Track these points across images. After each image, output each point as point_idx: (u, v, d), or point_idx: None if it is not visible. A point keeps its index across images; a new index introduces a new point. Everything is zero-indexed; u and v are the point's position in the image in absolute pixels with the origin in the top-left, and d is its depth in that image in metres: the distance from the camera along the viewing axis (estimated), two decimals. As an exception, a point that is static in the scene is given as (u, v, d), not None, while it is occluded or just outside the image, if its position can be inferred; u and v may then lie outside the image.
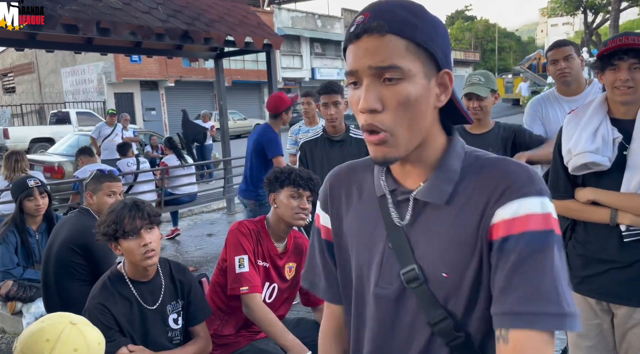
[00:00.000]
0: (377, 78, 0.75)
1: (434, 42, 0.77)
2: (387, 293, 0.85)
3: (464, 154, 0.85)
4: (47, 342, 1.22)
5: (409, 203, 0.84)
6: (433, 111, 0.80)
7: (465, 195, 0.80)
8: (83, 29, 4.80)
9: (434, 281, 0.80)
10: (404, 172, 0.85)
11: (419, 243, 0.82)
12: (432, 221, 0.82)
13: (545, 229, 0.74)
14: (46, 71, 24.24)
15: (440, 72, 0.79)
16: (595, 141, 1.64)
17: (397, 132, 0.76)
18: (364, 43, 0.75)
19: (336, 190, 0.97)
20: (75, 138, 9.65)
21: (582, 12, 25.45)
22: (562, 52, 2.48)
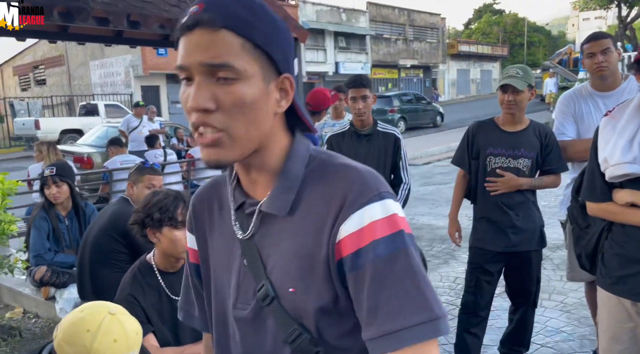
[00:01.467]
0: (210, 76, 0.69)
1: (273, 44, 0.71)
2: (245, 314, 0.80)
3: (308, 157, 0.79)
4: (88, 332, 1.23)
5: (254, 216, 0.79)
6: (273, 117, 0.75)
7: (307, 204, 0.75)
8: (114, 22, 4.88)
9: (283, 297, 0.75)
10: (250, 181, 0.80)
11: (270, 258, 0.77)
12: (278, 233, 0.77)
13: (392, 232, 0.70)
14: (75, 64, 24.76)
15: (281, 77, 0.74)
16: (632, 150, 1.59)
17: (233, 132, 0.70)
18: (196, 36, 0.69)
19: (199, 209, 0.90)
20: (104, 129, 9.85)
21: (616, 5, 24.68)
22: (600, 45, 2.40)
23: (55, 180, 3.32)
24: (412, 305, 0.67)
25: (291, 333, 0.76)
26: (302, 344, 0.75)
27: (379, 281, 0.68)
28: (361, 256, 0.69)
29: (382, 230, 0.70)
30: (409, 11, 34.96)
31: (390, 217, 0.71)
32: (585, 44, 2.48)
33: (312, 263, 0.74)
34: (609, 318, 1.79)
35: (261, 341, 0.79)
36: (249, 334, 0.81)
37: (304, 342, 0.75)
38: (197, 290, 0.95)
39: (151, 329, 1.84)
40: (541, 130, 2.56)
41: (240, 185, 0.82)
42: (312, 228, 0.74)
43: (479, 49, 41.86)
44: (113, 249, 2.54)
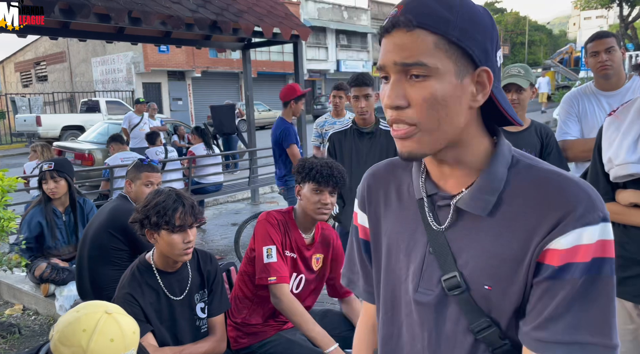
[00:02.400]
0: (404, 74, 0.73)
1: (470, 39, 0.72)
2: (428, 299, 0.84)
3: (511, 159, 0.80)
4: (84, 332, 1.22)
5: (449, 209, 0.81)
6: (468, 111, 0.76)
7: (512, 209, 0.76)
8: (115, 19, 4.87)
9: (476, 291, 0.79)
10: (442, 175, 0.83)
11: (462, 251, 0.80)
12: (474, 230, 0.79)
13: (603, 257, 0.71)
14: (77, 60, 24.73)
15: (477, 70, 0.74)
16: (637, 150, 1.58)
17: (424, 126, 0.74)
18: (393, 37, 0.73)
19: (374, 190, 0.95)
20: (105, 126, 9.84)
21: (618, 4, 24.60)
22: (604, 44, 2.38)
23: (53, 175, 3.31)
24: (595, 327, 0.71)
25: (480, 324, 0.79)
26: (489, 336, 0.79)
27: (575, 296, 0.71)
28: (568, 271, 0.71)
29: (594, 253, 0.71)
30: (410, 9, 34.87)
31: (606, 242, 0.72)
32: (589, 42, 2.46)
33: (515, 267, 0.75)
34: None
35: (440, 324, 0.84)
36: (429, 317, 0.84)
37: (492, 334, 0.79)
38: (364, 264, 1.01)
39: (150, 328, 1.83)
40: (542, 130, 2.54)
41: (429, 175, 0.85)
42: (518, 233, 0.75)
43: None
44: (112, 246, 2.53)
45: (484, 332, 0.79)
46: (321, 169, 2.04)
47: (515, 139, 2.54)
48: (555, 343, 0.71)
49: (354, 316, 2.23)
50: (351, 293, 2.32)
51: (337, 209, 2.97)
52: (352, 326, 2.19)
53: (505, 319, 0.78)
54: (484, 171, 0.79)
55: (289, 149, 4.08)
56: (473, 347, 0.81)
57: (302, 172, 2.08)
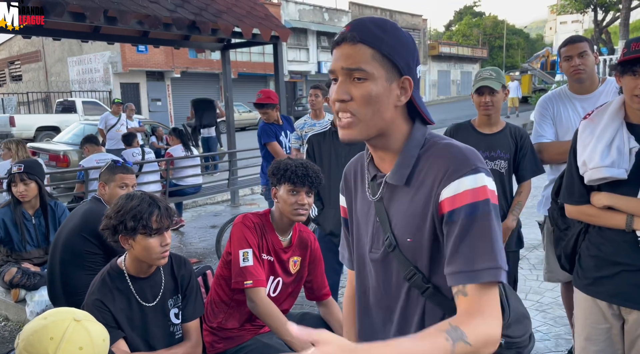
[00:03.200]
0: (349, 76, 0.96)
1: (397, 54, 0.96)
2: (377, 257, 1.08)
3: (424, 141, 1.03)
4: (52, 340, 1.18)
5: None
6: (393, 108, 0.98)
7: (420, 176, 1.00)
8: (90, 17, 4.77)
9: (402, 245, 1.02)
10: (379, 159, 1.07)
11: (393, 216, 1.04)
12: (398, 198, 1.03)
13: (479, 200, 0.92)
14: (53, 60, 24.24)
15: (402, 78, 0.98)
16: (610, 154, 1.60)
17: (361, 117, 0.96)
18: (341, 49, 0.96)
19: (348, 176, 1.20)
20: (81, 127, 9.64)
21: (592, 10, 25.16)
22: (577, 48, 2.42)
23: (22, 177, 3.21)
24: (483, 255, 0.91)
25: (409, 272, 1.02)
26: (417, 281, 1.02)
27: (463, 234, 0.92)
28: (454, 214, 0.93)
29: (471, 197, 0.93)
30: (391, 12, 35.16)
31: (480, 188, 0.93)
32: (563, 47, 2.49)
33: (423, 219, 0.99)
34: (584, 318, 1.80)
35: (388, 277, 1.07)
36: (380, 271, 1.09)
37: (418, 279, 1.02)
38: (347, 238, 1.25)
39: (122, 335, 1.78)
40: (516, 132, 2.58)
41: (373, 161, 1.09)
42: (423, 194, 0.99)
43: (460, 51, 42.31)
44: (85, 250, 2.46)
45: (412, 279, 1.02)
46: (296, 169, 2.02)
47: (490, 141, 2.57)
48: (459, 273, 0.92)
49: (332, 319, 2.22)
50: (329, 295, 2.30)
51: (316, 211, 2.95)
52: (330, 329, 2.18)
53: (425, 265, 1.01)
54: (401, 151, 1.02)
55: (269, 146, 4.28)
56: (409, 291, 1.04)
57: (277, 174, 2.06)
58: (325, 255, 2.48)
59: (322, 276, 2.29)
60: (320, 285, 2.28)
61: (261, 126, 4.45)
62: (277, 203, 2.10)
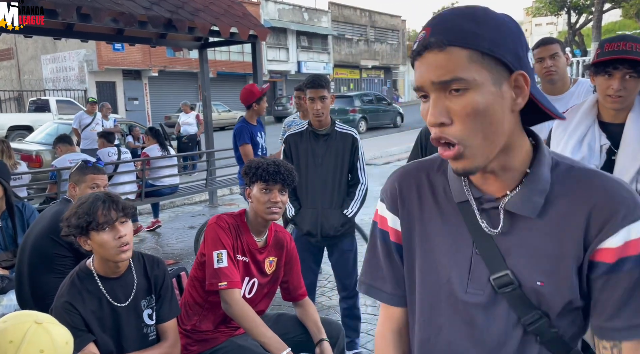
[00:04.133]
0: (443, 90, 0.75)
1: (500, 47, 0.74)
2: (479, 299, 0.87)
3: (552, 161, 0.85)
4: (11, 344, 1.15)
5: (497, 212, 0.84)
6: (510, 115, 0.78)
7: (560, 209, 0.81)
8: (62, 14, 4.67)
9: (528, 287, 0.83)
10: (484, 179, 0.85)
11: (511, 252, 0.84)
12: (524, 232, 0.83)
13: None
14: (25, 57, 23.66)
15: (513, 75, 0.76)
16: (581, 150, 1.63)
17: (471, 142, 0.76)
18: (426, 59, 0.75)
19: (407, 192, 0.95)
20: (55, 126, 9.44)
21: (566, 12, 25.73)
22: (549, 50, 2.47)
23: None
24: None
25: (531, 317, 0.84)
26: (540, 327, 0.84)
27: (635, 285, 0.78)
28: (622, 264, 0.78)
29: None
30: (370, 12, 35.33)
31: None
32: (535, 48, 2.54)
33: (566, 263, 0.81)
34: None
35: (490, 322, 0.87)
36: (479, 316, 0.87)
37: (543, 325, 0.84)
38: (395, 268, 0.99)
39: (92, 338, 1.74)
40: None
41: (470, 178, 0.87)
42: (568, 232, 0.81)
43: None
44: (55, 253, 2.40)
45: (535, 324, 0.84)
46: (267, 167, 2.01)
47: None
48: (630, 328, 0.79)
49: (308, 320, 2.21)
50: (305, 296, 2.29)
51: (293, 211, 2.94)
52: (306, 330, 2.17)
53: (555, 311, 0.84)
54: (531, 173, 0.82)
55: (241, 148, 4.20)
56: (523, 339, 0.86)
57: (249, 173, 2.05)
58: (302, 255, 2.48)
59: (299, 277, 2.28)
60: (297, 286, 2.27)
61: (238, 127, 4.27)
62: (251, 203, 2.08)
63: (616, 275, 0.79)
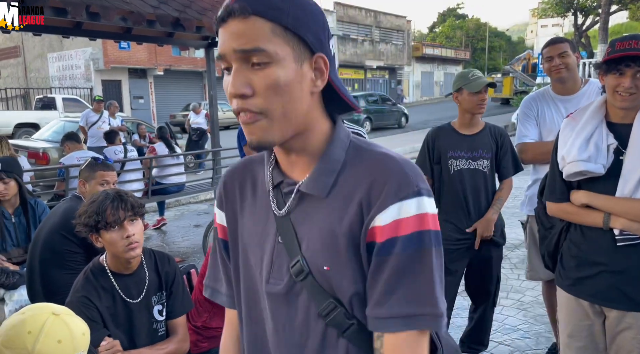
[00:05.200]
0: (245, 62, 0.73)
1: (304, 26, 0.74)
2: (278, 289, 0.82)
3: (349, 143, 0.82)
4: (30, 334, 1.17)
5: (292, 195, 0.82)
6: (310, 96, 0.77)
7: (344, 188, 0.79)
8: (72, 13, 4.70)
9: (317, 273, 0.79)
10: (289, 163, 0.83)
11: (305, 235, 0.80)
12: (314, 212, 0.80)
13: (421, 230, 0.74)
14: (32, 55, 23.77)
15: (314, 56, 0.76)
16: (588, 149, 1.64)
17: (271, 114, 0.74)
18: (229, 26, 0.73)
19: (230, 187, 0.92)
20: (61, 124, 9.50)
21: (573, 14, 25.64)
22: (557, 49, 2.46)
23: (1, 176, 3.15)
24: (422, 298, 0.74)
25: (326, 306, 0.79)
26: (336, 317, 0.79)
27: (399, 271, 0.74)
28: (390, 246, 0.74)
29: (412, 226, 0.74)
30: (375, 12, 35.30)
31: (423, 216, 0.75)
32: (545, 48, 2.54)
33: (347, 241, 0.77)
34: (567, 316, 1.84)
35: (292, 315, 0.82)
36: (281, 308, 0.83)
37: (338, 315, 0.79)
38: (225, 266, 0.95)
39: (107, 333, 1.77)
40: (496, 131, 2.65)
41: (279, 165, 0.85)
42: (347, 211, 0.77)
43: (443, 52, 42.69)
44: (66, 249, 2.42)
45: (331, 314, 0.79)
46: None
47: (472, 141, 2.61)
48: (390, 318, 0.74)
49: None
50: None
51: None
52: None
53: (347, 298, 0.79)
54: (323, 154, 0.81)
55: (245, 148, 4.15)
56: (325, 333, 0.81)
57: None
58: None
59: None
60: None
61: None
62: None
63: (385, 258, 0.75)
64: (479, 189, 2.60)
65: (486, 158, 2.59)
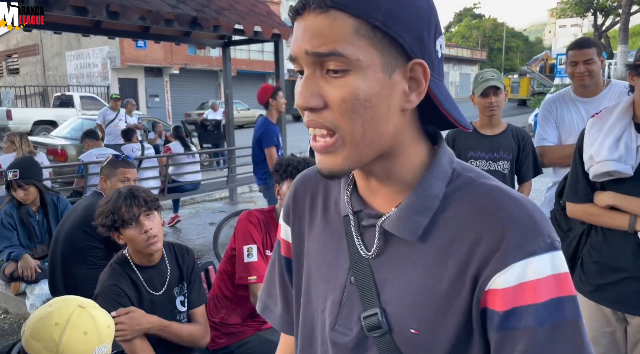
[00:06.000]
0: (320, 68, 0.59)
1: (400, 24, 0.57)
2: (345, 340, 0.68)
3: (452, 172, 0.65)
4: (57, 326, 1.20)
5: (374, 231, 0.67)
6: (399, 114, 0.61)
7: (447, 234, 0.62)
8: (92, 12, 4.77)
9: (400, 334, 0.64)
10: (370, 189, 0.68)
11: (387, 284, 0.66)
12: (403, 258, 0.65)
13: (560, 296, 0.58)
14: (51, 54, 24.15)
15: (410, 63, 0.59)
16: (618, 149, 1.61)
17: (345, 135, 0.59)
18: (304, 21, 0.58)
19: (300, 199, 0.79)
20: (79, 122, 9.62)
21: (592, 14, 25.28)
22: (584, 55, 2.38)
23: (20, 183, 3.22)
24: None
25: None
26: None
27: (536, 352, 0.57)
28: (517, 317, 0.57)
29: (548, 292, 0.57)
30: (390, 12, 35.14)
31: (561, 276, 0.58)
32: (571, 50, 2.46)
33: (446, 305, 0.61)
34: (588, 322, 1.81)
35: None
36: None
37: None
38: (284, 286, 0.83)
39: None
40: (518, 133, 2.61)
41: (357, 188, 0.70)
42: (451, 263, 0.61)
43: (459, 52, 42.43)
44: (87, 245, 2.47)
45: None
46: (298, 165, 2.05)
47: (493, 142, 2.58)
48: None
49: None
50: None
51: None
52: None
53: None
54: (417, 186, 0.64)
55: (267, 150, 4.19)
56: None
57: (279, 170, 2.09)
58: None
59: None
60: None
61: (265, 129, 4.14)
62: (280, 200, 2.11)
63: (511, 332, 0.57)
64: None
65: (507, 159, 2.56)
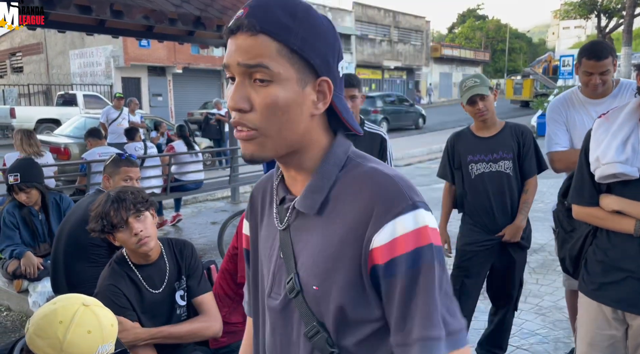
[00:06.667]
0: (248, 77, 0.73)
1: (311, 49, 0.74)
2: (275, 304, 0.84)
3: (346, 159, 0.81)
4: (61, 324, 1.21)
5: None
6: (309, 118, 0.77)
7: (337, 207, 0.78)
8: (96, 11, 4.78)
9: (307, 292, 0.79)
10: (290, 178, 0.84)
11: (301, 252, 0.80)
12: (308, 230, 0.80)
13: (421, 245, 0.72)
14: (54, 52, 24.21)
15: (318, 79, 0.76)
16: (625, 151, 1.59)
17: (265, 132, 0.74)
18: (237, 39, 0.73)
19: (255, 198, 0.95)
20: (82, 120, 9.66)
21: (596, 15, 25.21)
22: (600, 67, 2.28)
23: (21, 187, 3.23)
24: (428, 321, 0.71)
25: (310, 329, 0.79)
26: (319, 341, 0.78)
27: (405, 293, 0.72)
28: (394, 266, 0.72)
29: (413, 243, 0.72)
30: (394, 13, 35.16)
31: (421, 230, 0.72)
32: (586, 59, 2.31)
33: (337, 264, 0.76)
34: (588, 323, 1.80)
35: (288, 331, 0.83)
36: (278, 323, 0.84)
37: (320, 340, 0.78)
38: (247, 276, 0.99)
39: (134, 319, 1.83)
40: (517, 129, 2.59)
41: (284, 180, 0.86)
42: (341, 231, 0.76)
43: (462, 54, 42.33)
44: (90, 243, 2.47)
45: (314, 338, 0.78)
46: None
47: (490, 143, 2.57)
48: (404, 345, 0.73)
49: None
50: None
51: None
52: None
53: (332, 324, 0.77)
54: (314, 171, 0.80)
55: None
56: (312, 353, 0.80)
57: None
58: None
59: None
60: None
61: None
62: None
63: (390, 280, 0.72)
64: (503, 192, 2.57)
65: (507, 159, 2.54)
